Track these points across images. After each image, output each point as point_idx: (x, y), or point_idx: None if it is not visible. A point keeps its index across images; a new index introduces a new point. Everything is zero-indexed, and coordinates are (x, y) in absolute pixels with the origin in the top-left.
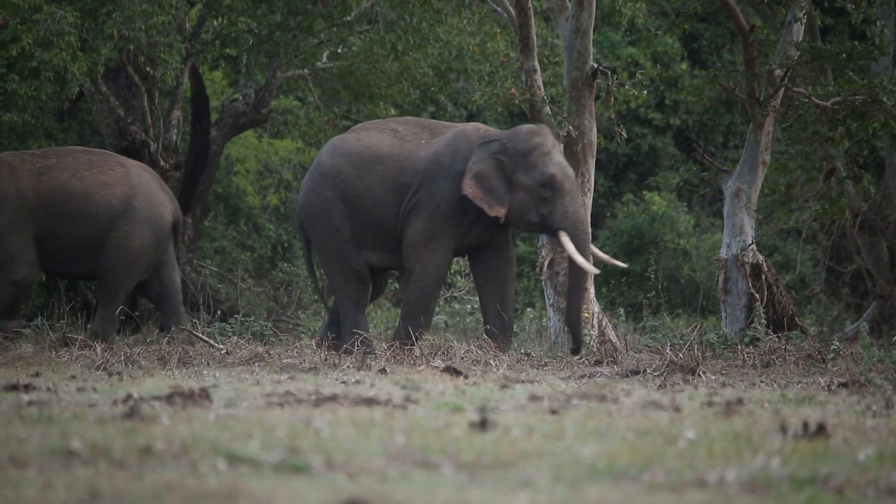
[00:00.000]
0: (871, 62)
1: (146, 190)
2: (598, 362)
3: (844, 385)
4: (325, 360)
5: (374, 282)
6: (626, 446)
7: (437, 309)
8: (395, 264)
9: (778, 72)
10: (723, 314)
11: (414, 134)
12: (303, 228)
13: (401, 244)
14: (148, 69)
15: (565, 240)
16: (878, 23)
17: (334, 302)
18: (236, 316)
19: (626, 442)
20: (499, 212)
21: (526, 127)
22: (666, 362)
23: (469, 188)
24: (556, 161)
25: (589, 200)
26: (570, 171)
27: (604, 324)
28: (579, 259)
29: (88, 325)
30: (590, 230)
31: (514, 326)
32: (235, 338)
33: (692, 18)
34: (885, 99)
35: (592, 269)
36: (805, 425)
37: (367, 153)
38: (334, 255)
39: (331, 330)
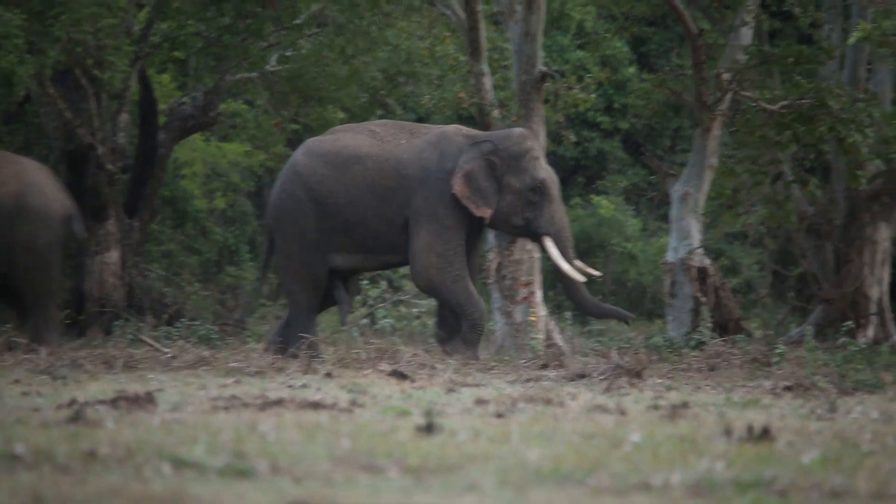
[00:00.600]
0: (818, 66)
1: (39, 187)
2: (544, 366)
3: (789, 388)
4: (272, 364)
5: (344, 286)
6: (571, 450)
7: (383, 313)
8: (363, 266)
9: (726, 76)
10: (669, 318)
11: (393, 135)
12: (270, 229)
13: (374, 248)
14: (96, 72)
15: (550, 246)
16: (825, 27)
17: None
18: (182, 320)
19: (571, 445)
20: (485, 212)
21: (517, 130)
22: (612, 366)
23: (458, 186)
24: (545, 166)
25: None
26: (556, 178)
27: (550, 327)
28: (564, 266)
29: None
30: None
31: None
32: (182, 341)
33: (640, 22)
34: (832, 103)
35: (577, 276)
36: (750, 429)
37: (345, 153)
38: (296, 259)
39: (279, 334)
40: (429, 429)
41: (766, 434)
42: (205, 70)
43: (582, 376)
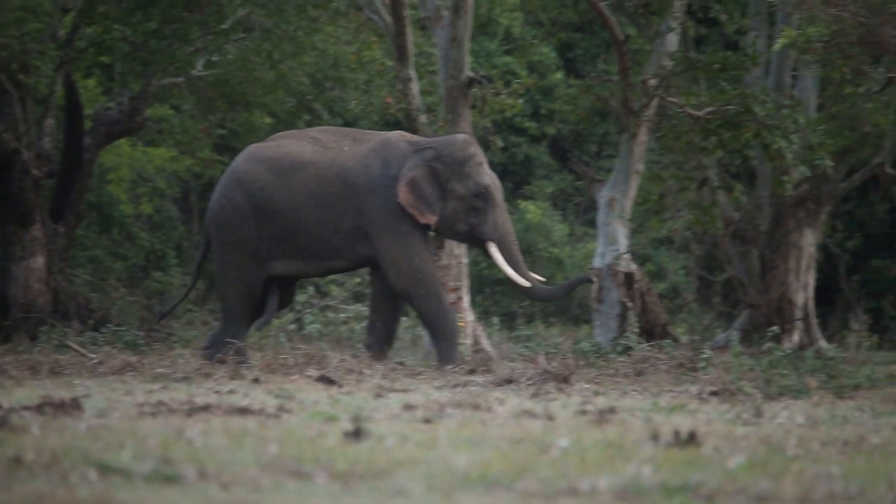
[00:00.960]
0: (743, 72)
1: None
2: (472, 371)
3: (715, 393)
4: (199, 369)
5: (281, 292)
6: (499, 455)
7: (311, 318)
8: (305, 272)
9: (652, 82)
10: (596, 323)
11: (335, 141)
12: (207, 234)
13: (316, 253)
14: (21, 77)
15: (494, 251)
16: (750, 33)
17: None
18: (109, 325)
19: (499, 450)
20: (429, 219)
21: (461, 136)
22: (539, 371)
23: (403, 194)
24: (489, 172)
25: None
26: (500, 183)
27: (478, 333)
28: (509, 271)
29: None
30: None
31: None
32: (107, 347)
33: (567, 28)
34: (757, 109)
35: (522, 281)
36: (676, 433)
37: (287, 160)
38: (233, 266)
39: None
40: (356, 434)
41: (692, 439)
42: (131, 75)
43: (510, 381)
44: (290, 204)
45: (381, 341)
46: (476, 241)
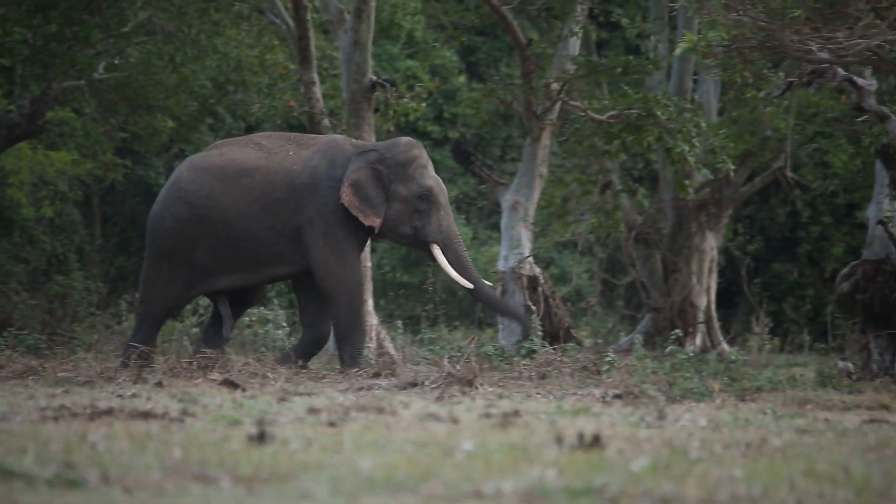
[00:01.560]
0: (645, 76)
1: None
2: (377, 374)
3: (619, 396)
4: (101, 373)
5: (244, 297)
6: (404, 458)
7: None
8: (247, 282)
9: (554, 85)
10: (500, 326)
11: (280, 147)
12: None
13: (263, 261)
14: None
15: (438, 254)
16: (652, 38)
17: (216, 305)
18: (10, 329)
19: (404, 454)
20: (374, 221)
21: (404, 139)
22: (444, 374)
23: (346, 196)
24: (433, 174)
25: None
26: (444, 186)
27: (382, 336)
28: (452, 273)
29: None
30: (463, 244)
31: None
32: (9, 351)
33: (470, 32)
34: (659, 113)
35: (466, 283)
36: (580, 436)
37: (232, 167)
38: (162, 275)
39: (207, 336)
40: (261, 438)
41: (596, 442)
42: (31, 78)
43: (414, 385)
44: (236, 211)
45: (302, 346)
46: (420, 244)
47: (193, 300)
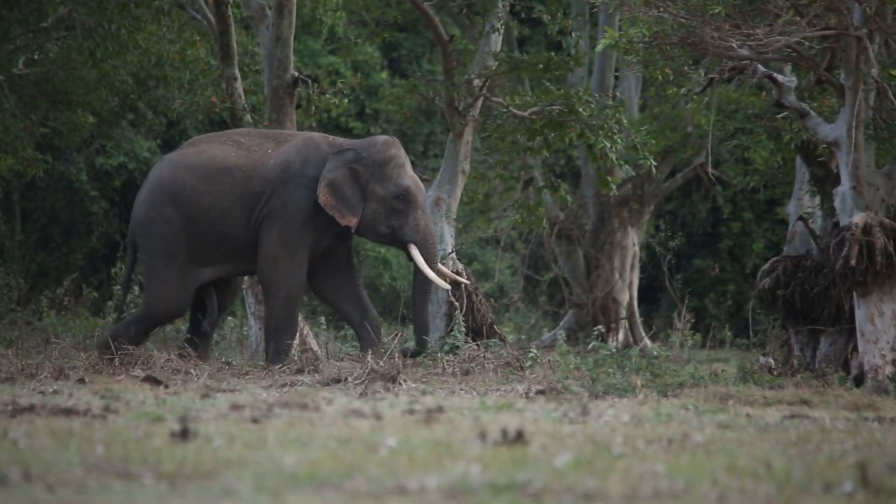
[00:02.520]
0: (567, 73)
1: None
2: (300, 371)
3: (542, 392)
4: (22, 370)
5: (217, 294)
6: (327, 454)
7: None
8: (233, 272)
9: (476, 81)
10: None
11: (258, 144)
12: (133, 244)
13: (243, 254)
14: None
15: (415, 253)
16: (573, 34)
17: (200, 305)
18: None
19: (327, 450)
20: (350, 221)
21: (382, 138)
22: (367, 370)
23: (323, 196)
24: (410, 174)
25: None
26: (422, 185)
27: (305, 332)
28: (429, 273)
29: None
30: (437, 245)
31: (216, 335)
32: None
33: (392, 28)
34: (581, 109)
35: (443, 284)
36: (504, 432)
37: (213, 165)
38: (162, 276)
39: (195, 334)
40: (184, 434)
41: (519, 437)
42: None
43: (337, 381)
44: (218, 210)
45: (375, 331)
46: (397, 243)
47: (191, 299)
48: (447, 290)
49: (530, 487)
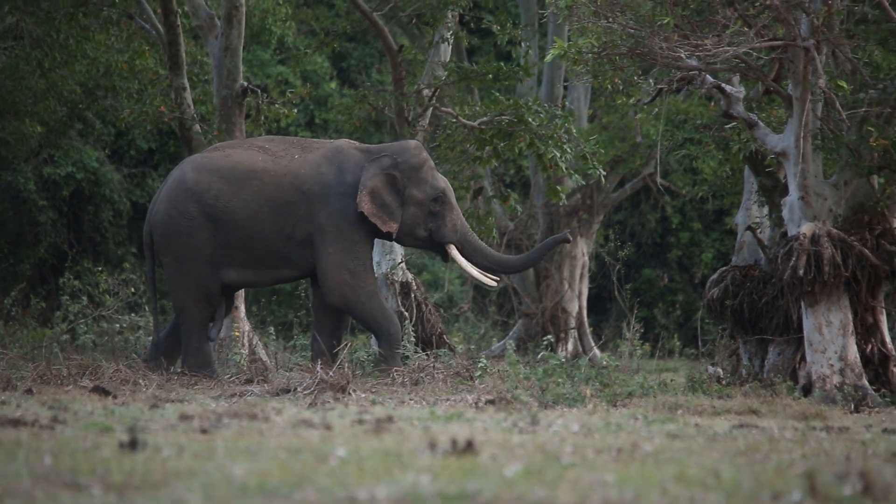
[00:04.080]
0: (516, 83)
1: None
2: (249, 381)
3: (492, 402)
4: None
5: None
6: (277, 465)
7: (84, 328)
8: (257, 282)
9: (426, 92)
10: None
11: (285, 150)
12: (152, 245)
13: (270, 261)
14: None
15: (455, 253)
16: (522, 44)
17: (175, 320)
18: None
19: (277, 460)
20: (392, 227)
21: (412, 142)
22: (316, 381)
23: (365, 204)
24: (441, 176)
25: None
26: (450, 185)
27: (254, 342)
28: (473, 272)
29: None
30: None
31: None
32: None
33: (341, 38)
34: (530, 119)
35: (488, 282)
36: (454, 442)
37: (240, 168)
38: (189, 275)
39: (159, 347)
40: (132, 445)
41: (469, 447)
42: None
43: (287, 391)
44: (244, 213)
45: (321, 352)
46: (436, 246)
47: (219, 297)
48: (397, 301)
49: (480, 497)
